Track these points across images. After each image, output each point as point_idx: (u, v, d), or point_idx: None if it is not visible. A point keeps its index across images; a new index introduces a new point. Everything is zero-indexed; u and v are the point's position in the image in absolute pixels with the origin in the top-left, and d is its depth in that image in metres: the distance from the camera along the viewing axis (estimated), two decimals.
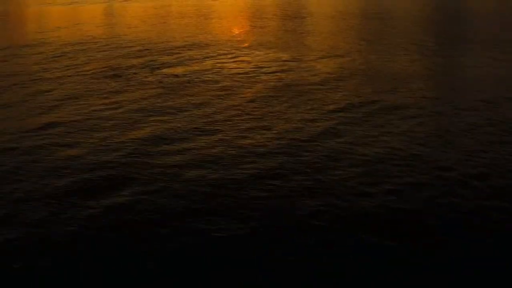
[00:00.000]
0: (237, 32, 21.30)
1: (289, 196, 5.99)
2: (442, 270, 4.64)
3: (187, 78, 12.16)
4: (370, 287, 4.41)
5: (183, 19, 26.54)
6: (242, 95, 10.42)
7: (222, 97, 10.29)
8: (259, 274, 4.61)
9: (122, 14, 31.55)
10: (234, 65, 13.67)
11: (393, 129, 8.22)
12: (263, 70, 12.83)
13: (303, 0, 39.42)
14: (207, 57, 14.82)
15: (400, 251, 4.90)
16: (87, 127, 8.67)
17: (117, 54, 15.88)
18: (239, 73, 12.53)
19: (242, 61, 14.24)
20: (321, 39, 18.33)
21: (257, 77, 12.02)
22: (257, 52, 15.49)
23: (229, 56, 14.98)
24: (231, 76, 12.27)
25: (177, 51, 15.99)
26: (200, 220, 5.46)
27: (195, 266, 4.71)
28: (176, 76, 12.39)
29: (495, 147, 7.46)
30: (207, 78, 12.03)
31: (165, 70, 13.11)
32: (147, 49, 16.53)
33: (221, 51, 15.86)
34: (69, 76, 12.82)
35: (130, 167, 6.88)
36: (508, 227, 5.31)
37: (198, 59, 14.59)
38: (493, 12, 28.00)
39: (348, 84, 11.23)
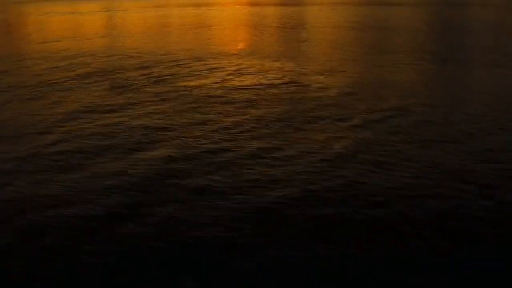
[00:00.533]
0: (242, 43, 21.09)
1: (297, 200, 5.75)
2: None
3: (195, 91, 11.89)
4: None
5: (185, 30, 26.39)
6: (255, 110, 10.10)
7: (233, 113, 9.97)
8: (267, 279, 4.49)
9: (124, 24, 31.43)
10: (243, 78, 13.38)
11: (414, 138, 7.98)
12: (275, 83, 12.57)
13: (303, 11, 39.45)
14: (213, 69, 14.54)
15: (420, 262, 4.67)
16: (99, 144, 8.19)
17: (121, 66, 15.63)
18: (248, 86, 12.25)
19: (251, 73, 13.97)
20: (327, 50, 18.18)
21: (268, 91, 11.75)
22: (266, 64, 15.29)
23: (236, 68, 14.75)
24: (240, 89, 11.97)
25: (182, 63, 15.76)
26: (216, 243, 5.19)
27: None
28: (183, 89, 12.12)
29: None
30: (216, 92, 11.72)
31: (172, 83, 12.81)
32: (152, 61, 16.29)
33: (227, 63, 15.64)
34: (73, 89, 12.54)
35: (149, 189, 6.47)
36: None
37: (204, 71, 14.32)
38: (494, 21, 27.97)
39: (361, 98, 10.98)
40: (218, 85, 12.45)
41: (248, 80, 12.93)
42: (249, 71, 14.13)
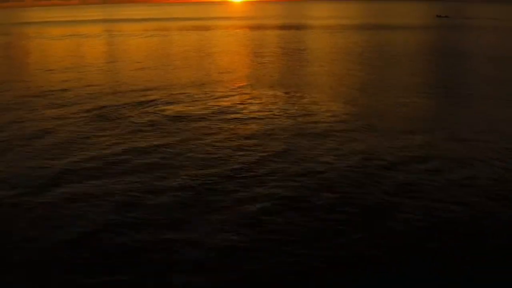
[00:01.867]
0: (249, 72, 20.77)
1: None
2: None
3: (208, 122, 11.89)
4: None
5: (190, 58, 26.20)
6: (273, 142, 10.09)
7: (250, 145, 9.90)
8: None
9: (126, 50, 31.29)
10: (255, 107, 13.41)
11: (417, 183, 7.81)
12: (287, 112, 12.64)
13: (303, 35, 39.52)
14: (228, 106, 14.10)
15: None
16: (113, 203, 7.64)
17: (126, 101, 15.01)
18: (263, 117, 12.28)
19: (262, 103, 13.95)
20: (331, 78, 18.16)
21: (280, 121, 11.79)
22: (276, 95, 15.31)
23: (245, 98, 14.79)
24: (254, 120, 11.95)
25: (188, 94, 15.66)
26: None
27: None
28: (195, 121, 12.03)
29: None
30: (230, 123, 11.72)
31: (183, 122, 12.35)
32: (163, 95, 15.87)
33: (236, 93, 15.61)
34: (82, 131, 11.92)
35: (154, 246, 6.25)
36: None
37: (214, 104, 14.11)
38: (496, 47, 27.96)
39: (371, 127, 11.19)
40: (232, 116, 12.49)
41: (262, 111, 12.83)
42: (261, 102, 14.10)
